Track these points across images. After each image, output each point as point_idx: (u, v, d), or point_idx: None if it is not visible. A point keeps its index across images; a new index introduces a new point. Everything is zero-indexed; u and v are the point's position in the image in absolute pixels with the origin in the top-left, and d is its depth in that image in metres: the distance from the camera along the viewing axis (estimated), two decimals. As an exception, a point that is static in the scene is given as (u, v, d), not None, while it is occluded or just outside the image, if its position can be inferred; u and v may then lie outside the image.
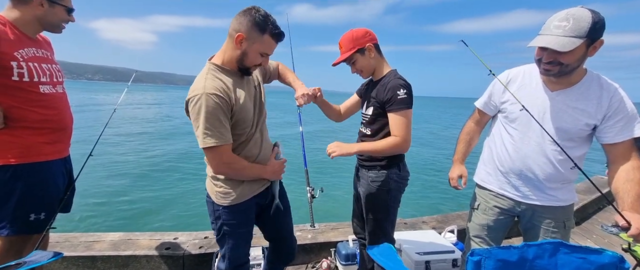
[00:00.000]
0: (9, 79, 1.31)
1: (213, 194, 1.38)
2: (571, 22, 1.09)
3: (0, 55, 1.27)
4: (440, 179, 7.95)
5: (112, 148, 9.75)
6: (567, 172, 1.29)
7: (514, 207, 1.43)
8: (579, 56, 1.13)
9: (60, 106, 1.52)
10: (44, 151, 1.44)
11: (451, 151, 1.73)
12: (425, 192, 6.84)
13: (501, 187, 1.44)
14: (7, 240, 1.40)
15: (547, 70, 1.21)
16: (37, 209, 1.44)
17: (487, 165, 1.52)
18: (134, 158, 8.92)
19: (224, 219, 1.37)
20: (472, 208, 1.60)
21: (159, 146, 11.00)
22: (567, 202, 1.35)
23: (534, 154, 1.31)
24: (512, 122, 1.38)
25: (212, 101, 1.16)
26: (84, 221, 4.43)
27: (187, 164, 8.50)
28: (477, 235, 1.55)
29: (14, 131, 1.34)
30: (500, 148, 1.43)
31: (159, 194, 6.12)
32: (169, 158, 9.17)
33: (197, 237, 2.44)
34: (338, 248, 2.34)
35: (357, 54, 1.54)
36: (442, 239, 2.35)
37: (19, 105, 1.34)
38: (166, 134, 13.80)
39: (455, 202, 6.23)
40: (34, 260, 1.11)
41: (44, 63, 1.45)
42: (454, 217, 3.15)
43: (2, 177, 1.34)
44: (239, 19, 1.18)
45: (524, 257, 0.80)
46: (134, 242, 2.31)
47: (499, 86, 1.45)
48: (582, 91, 1.23)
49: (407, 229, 2.81)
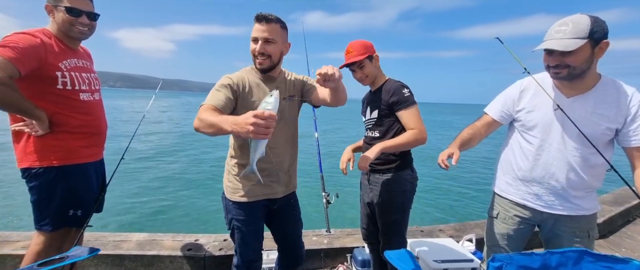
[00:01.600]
0: (54, 88, 1.44)
1: (225, 188, 1.50)
2: (570, 25, 1.15)
3: (47, 66, 1.40)
4: (458, 186, 7.77)
5: (137, 152, 10.14)
6: (590, 180, 1.28)
7: (535, 216, 1.41)
8: (585, 57, 1.16)
9: (97, 112, 1.65)
10: (82, 154, 1.57)
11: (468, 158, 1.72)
12: (442, 200, 6.70)
13: (522, 197, 1.42)
14: (50, 236, 1.51)
15: (557, 74, 1.23)
16: (75, 206, 1.56)
17: (506, 175, 1.50)
18: (156, 161, 9.24)
19: (233, 214, 1.48)
20: (491, 217, 1.58)
21: (181, 150, 11.34)
22: (590, 211, 1.33)
23: (556, 161, 1.30)
24: (530, 130, 1.37)
25: (224, 78, 1.38)
26: (112, 221, 4.65)
27: (207, 167, 8.72)
28: (496, 245, 1.53)
29: (57, 135, 1.47)
30: (520, 157, 1.42)
31: (180, 194, 6.32)
32: (190, 161, 9.45)
33: (217, 239, 2.51)
34: (354, 254, 2.35)
35: (366, 60, 1.64)
36: (460, 248, 2.31)
37: (62, 111, 1.47)
38: (186, 138, 14.20)
39: (473, 209, 6.08)
40: (75, 255, 1.21)
41: (83, 72, 1.57)
42: (472, 226, 3.09)
43: (47, 178, 1.47)
44: None
45: (546, 265, 0.80)
46: (159, 242, 2.41)
47: (513, 94, 1.45)
48: (599, 95, 1.24)
49: (423, 236, 2.78)
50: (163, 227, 4.63)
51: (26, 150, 1.45)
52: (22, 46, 1.29)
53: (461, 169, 9.75)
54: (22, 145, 1.46)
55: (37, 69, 1.36)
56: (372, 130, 1.73)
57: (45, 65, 1.39)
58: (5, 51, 1.24)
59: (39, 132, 1.41)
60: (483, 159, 11.67)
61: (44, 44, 1.39)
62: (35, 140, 1.44)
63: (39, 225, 1.50)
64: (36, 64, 1.35)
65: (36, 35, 1.39)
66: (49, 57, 1.40)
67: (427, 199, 6.57)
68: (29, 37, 1.36)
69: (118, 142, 8.94)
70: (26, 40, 1.33)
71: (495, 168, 1.59)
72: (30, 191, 1.48)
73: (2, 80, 1.21)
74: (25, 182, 1.48)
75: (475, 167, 10.16)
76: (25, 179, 1.48)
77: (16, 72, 1.26)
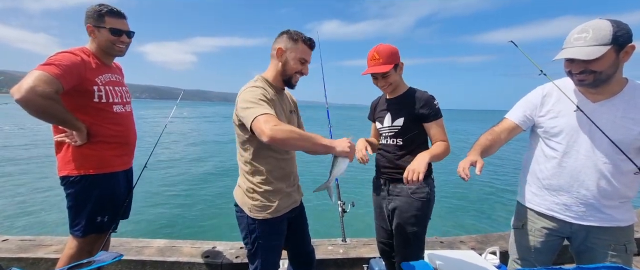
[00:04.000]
0: (91, 101, 1.56)
1: (247, 207, 1.39)
2: (591, 32, 1.11)
3: (86, 82, 1.53)
4: (479, 196, 7.47)
5: (157, 160, 10.54)
6: (623, 188, 1.20)
7: (564, 228, 1.33)
8: (610, 63, 1.12)
9: (127, 123, 1.76)
10: (114, 163, 1.67)
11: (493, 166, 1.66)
12: (462, 210, 6.46)
13: (550, 207, 1.35)
14: (82, 241, 1.61)
15: (582, 81, 1.19)
16: (103, 213, 1.65)
17: (532, 185, 1.43)
18: (175, 169, 9.55)
19: (259, 233, 1.39)
20: (516, 228, 1.51)
21: (199, 159, 11.68)
22: (626, 223, 1.24)
23: (586, 168, 1.23)
24: (555, 136, 1.31)
25: (257, 89, 1.30)
26: (135, 227, 4.82)
27: (224, 175, 8.92)
28: (523, 257, 1.45)
29: (93, 145, 1.58)
30: (544, 165, 1.35)
31: (199, 202, 6.48)
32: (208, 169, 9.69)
33: (234, 247, 2.54)
34: (371, 264, 2.30)
35: (392, 70, 1.57)
36: (482, 261, 2.20)
37: (98, 122, 1.58)
38: (205, 147, 14.63)
39: (495, 221, 5.81)
40: (101, 260, 1.27)
41: (116, 86, 1.69)
42: (495, 238, 2.95)
43: (84, 185, 1.57)
44: (276, 39, 1.42)
45: (577, 282, 0.75)
46: (178, 249, 2.47)
47: (535, 99, 1.39)
48: (627, 100, 1.18)
49: (442, 247, 2.69)
50: (182, 233, 4.76)
51: (65, 159, 1.56)
52: (66, 64, 1.42)
53: (482, 177, 9.38)
54: (62, 155, 1.57)
55: (78, 84, 1.48)
56: (394, 138, 1.67)
57: (84, 81, 1.51)
58: (51, 68, 1.36)
59: (77, 142, 1.52)
60: (505, 163, 11.20)
61: (83, 62, 1.52)
62: (73, 150, 1.55)
63: (72, 230, 1.60)
64: (77, 79, 1.47)
65: (77, 53, 1.53)
66: (87, 73, 1.53)
67: (445, 208, 6.35)
68: (71, 55, 1.49)
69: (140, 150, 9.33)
70: (68, 59, 1.46)
71: (519, 177, 1.53)
72: (68, 197, 1.59)
73: (50, 95, 1.33)
74: (64, 189, 1.59)
75: (497, 173, 9.76)
76: (63, 186, 1.59)
77: (61, 87, 1.38)
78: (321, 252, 2.50)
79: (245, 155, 1.40)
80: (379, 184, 1.79)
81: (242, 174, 1.44)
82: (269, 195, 1.39)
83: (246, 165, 1.40)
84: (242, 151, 1.41)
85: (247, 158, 1.39)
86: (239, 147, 1.43)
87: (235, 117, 1.34)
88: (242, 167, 1.43)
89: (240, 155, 1.43)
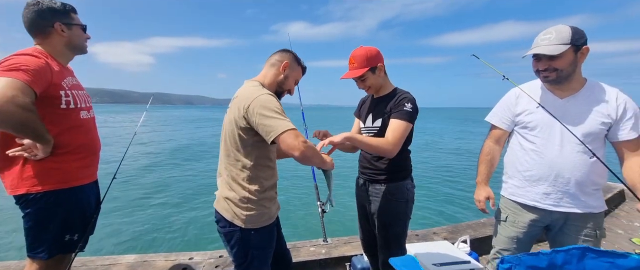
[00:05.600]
0: (58, 108, 1.37)
1: (240, 219, 1.32)
2: (554, 33, 1.29)
3: (52, 86, 1.33)
4: (444, 188, 7.94)
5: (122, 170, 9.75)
6: (594, 176, 1.33)
7: (545, 217, 1.44)
8: (570, 61, 1.29)
9: (93, 130, 1.59)
10: (81, 175, 1.50)
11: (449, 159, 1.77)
12: (432, 203, 6.82)
13: (532, 198, 1.45)
14: (45, 264, 1.42)
15: (546, 77, 1.36)
16: (72, 231, 1.47)
17: (513, 178, 1.53)
18: (143, 178, 8.91)
19: (255, 243, 1.34)
20: (500, 220, 1.60)
21: (168, 166, 10.99)
22: (598, 209, 1.38)
23: (561, 158, 1.35)
24: (533, 130, 1.43)
25: (274, 98, 1.29)
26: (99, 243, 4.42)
27: (196, 183, 8.49)
28: (505, 249, 1.55)
29: (57, 158, 1.39)
30: (525, 158, 1.46)
31: (170, 211, 6.10)
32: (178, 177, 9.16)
33: (212, 256, 2.44)
34: (353, 262, 2.34)
35: (368, 72, 1.60)
36: (456, 250, 2.35)
37: (64, 132, 1.40)
38: (173, 154, 13.81)
39: (462, 209, 6.22)
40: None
41: (79, 90, 1.52)
42: (464, 227, 3.16)
43: (46, 203, 1.38)
44: (282, 54, 1.47)
45: (553, 263, 0.84)
46: (151, 263, 2.31)
47: (510, 101, 1.53)
48: (589, 95, 1.35)
49: (419, 240, 2.81)
50: (154, 246, 4.45)
51: (23, 176, 1.35)
52: (33, 68, 1.23)
53: (447, 170, 9.99)
54: (17, 171, 1.36)
55: (44, 90, 1.29)
56: None
57: (51, 86, 1.33)
58: (21, 75, 1.17)
59: (39, 156, 1.33)
60: (466, 156, 12.04)
61: (48, 65, 1.34)
62: (33, 164, 1.35)
63: (33, 253, 1.41)
64: (45, 85, 1.29)
65: (37, 55, 1.33)
66: (54, 76, 1.35)
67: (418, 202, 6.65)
68: (33, 58, 1.29)
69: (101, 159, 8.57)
70: (34, 62, 1.26)
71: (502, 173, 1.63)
72: (26, 218, 1.39)
73: (28, 106, 1.15)
74: (20, 209, 1.39)
75: (457, 167, 10.45)
76: (20, 205, 1.39)
77: (34, 95, 1.20)
78: (304, 254, 2.50)
79: (244, 161, 1.31)
80: (360, 184, 1.81)
81: (233, 182, 1.33)
82: (264, 202, 1.35)
83: (243, 172, 1.32)
84: (242, 157, 1.31)
85: (247, 164, 1.31)
86: (236, 153, 1.32)
87: (242, 119, 1.25)
88: (238, 174, 1.32)
89: (235, 161, 1.32)
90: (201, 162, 11.63)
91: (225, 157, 1.36)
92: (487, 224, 3.14)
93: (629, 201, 4.16)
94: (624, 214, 3.82)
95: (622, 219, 3.69)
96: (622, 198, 4.20)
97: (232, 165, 1.33)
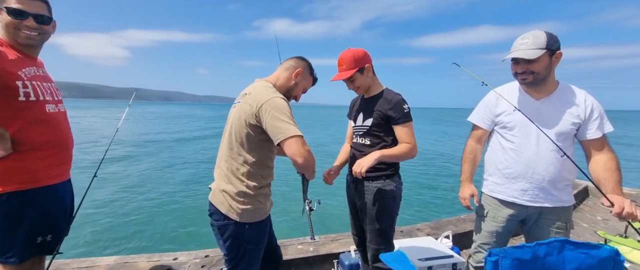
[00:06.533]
0: (15, 100, 1.26)
1: (235, 213, 1.33)
2: (531, 39, 1.37)
3: (5, 75, 1.22)
4: (427, 186, 8.19)
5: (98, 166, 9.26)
6: (565, 173, 1.44)
7: (522, 212, 1.54)
8: (546, 65, 1.37)
9: (63, 126, 1.49)
10: (51, 174, 1.40)
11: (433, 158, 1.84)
12: (415, 200, 7.01)
13: (511, 194, 1.54)
14: (17, 269, 1.33)
15: (524, 80, 1.43)
16: (44, 232, 1.38)
17: (493, 176, 1.62)
18: (121, 175, 8.52)
19: (249, 237, 1.36)
20: (480, 215, 1.68)
21: (148, 162, 10.58)
22: (568, 203, 1.49)
23: (537, 156, 1.45)
24: (511, 129, 1.52)
25: (287, 103, 1.33)
26: (76, 245, 4.18)
27: (179, 181, 8.23)
28: (486, 243, 1.63)
29: (20, 155, 1.28)
30: (504, 157, 1.55)
31: (153, 211, 5.88)
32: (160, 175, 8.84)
33: (198, 256, 2.39)
34: (341, 259, 2.37)
35: (357, 73, 1.65)
36: (439, 245, 2.45)
37: (26, 127, 1.29)
38: (153, 150, 13.30)
39: (443, 207, 6.45)
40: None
41: (44, 82, 1.41)
42: (445, 223, 3.28)
43: (12, 205, 1.28)
44: (298, 61, 1.51)
45: (536, 255, 0.90)
46: (132, 265, 2.23)
47: (490, 102, 1.61)
48: (561, 97, 1.45)
49: (404, 236, 2.90)
50: (136, 247, 4.27)
51: None
52: None
53: (429, 168, 10.30)
54: None
55: None
56: (363, 137, 1.75)
57: (4, 75, 1.22)
58: None
59: None
60: (441, 156, 12.47)
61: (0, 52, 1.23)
62: None
63: (3, 257, 1.31)
64: None
65: None
66: (6, 65, 1.24)
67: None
68: None
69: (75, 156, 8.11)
70: None
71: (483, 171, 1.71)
72: None
73: None
74: None
75: (436, 165, 10.81)
76: None
77: None
78: (291, 252, 2.50)
79: (246, 157, 1.33)
80: (350, 181, 1.86)
81: (232, 176, 1.34)
82: (260, 198, 1.38)
83: (244, 166, 1.34)
84: (245, 152, 1.33)
85: (248, 160, 1.33)
86: (239, 147, 1.34)
87: (253, 117, 1.27)
88: (238, 168, 1.34)
89: (237, 155, 1.34)
90: (181, 160, 11.29)
91: (228, 150, 1.37)
92: (467, 220, 3.28)
93: (592, 197, 4.49)
94: (587, 209, 4.12)
95: (586, 213, 3.99)
96: (586, 194, 4.53)
97: (234, 158, 1.35)
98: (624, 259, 0.87)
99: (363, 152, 1.72)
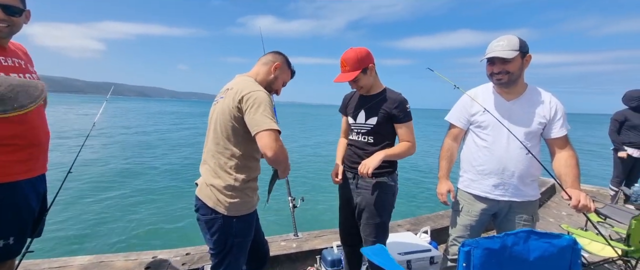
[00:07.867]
0: None
1: (223, 207, 1.34)
2: (506, 41, 1.47)
3: None
4: (407, 183, 8.42)
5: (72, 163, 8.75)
6: (532, 169, 1.55)
7: (493, 206, 1.64)
8: (519, 66, 1.47)
9: (33, 120, 1.40)
10: (13, 170, 1.31)
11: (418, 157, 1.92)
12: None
13: (484, 190, 1.63)
14: None
15: (499, 80, 1.52)
16: (5, 235, 1.30)
17: (468, 172, 1.71)
18: (95, 171, 8.12)
19: (236, 231, 1.37)
20: (456, 210, 1.77)
21: (124, 159, 10.13)
22: (534, 197, 1.60)
23: (507, 154, 1.55)
24: (485, 129, 1.62)
25: (269, 97, 1.35)
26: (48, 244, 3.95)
27: (157, 177, 7.96)
28: (460, 236, 1.72)
29: None
30: (478, 154, 1.64)
31: (130, 208, 5.66)
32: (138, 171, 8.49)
33: (178, 254, 2.35)
34: (323, 255, 2.41)
35: (361, 74, 1.66)
36: (418, 239, 2.55)
37: None
38: (128, 147, 12.76)
39: (422, 201, 6.66)
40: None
41: (12, 72, 1.33)
42: (424, 219, 3.41)
43: None
44: (275, 55, 1.54)
45: (504, 245, 0.97)
46: (108, 264, 2.15)
47: (466, 102, 1.70)
48: (529, 98, 1.56)
49: (384, 232, 2.98)
50: (112, 246, 4.10)
51: None
52: None
53: (412, 167, 10.58)
54: None
55: None
56: (366, 135, 1.76)
57: None
58: None
59: None
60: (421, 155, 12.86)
61: None
62: None
63: None
64: None
65: None
66: None
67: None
68: None
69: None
70: None
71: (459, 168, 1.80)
72: None
73: None
74: None
75: (415, 164, 11.14)
76: None
77: None
78: (275, 249, 2.51)
79: (233, 150, 1.35)
80: (347, 178, 1.86)
81: (220, 170, 1.36)
82: (247, 191, 1.39)
83: (232, 160, 1.35)
84: (232, 146, 1.34)
85: (236, 153, 1.35)
86: (226, 141, 1.35)
87: (236, 109, 1.29)
88: (226, 162, 1.35)
89: (224, 150, 1.35)
90: (160, 156, 10.92)
91: (214, 145, 1.38)
92: (445, 216, 3.43)
93: (558, 194, 4.82)
94: (554, 205, 4.42)
95: (552, 209, 4.27)
96: (553, 191, 4.84)
97: (221, 153, 1.36)
98: (581, 247, 0.97)
99: (366, 150, 1.74)
